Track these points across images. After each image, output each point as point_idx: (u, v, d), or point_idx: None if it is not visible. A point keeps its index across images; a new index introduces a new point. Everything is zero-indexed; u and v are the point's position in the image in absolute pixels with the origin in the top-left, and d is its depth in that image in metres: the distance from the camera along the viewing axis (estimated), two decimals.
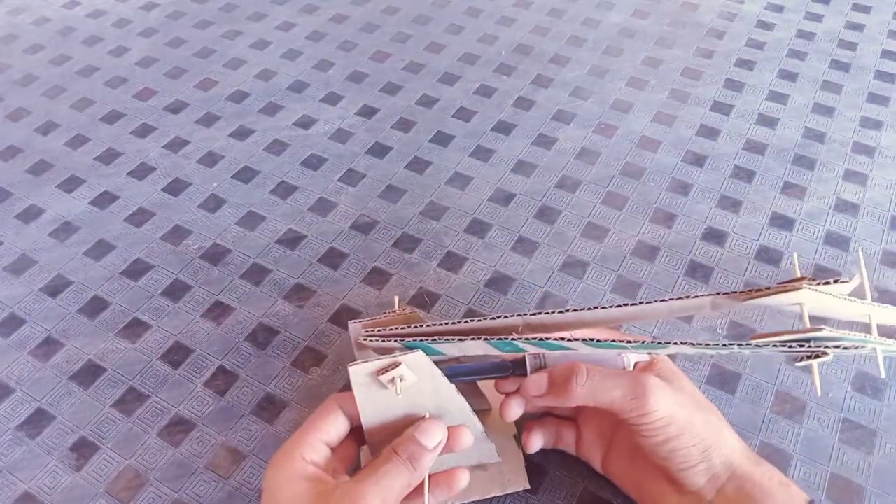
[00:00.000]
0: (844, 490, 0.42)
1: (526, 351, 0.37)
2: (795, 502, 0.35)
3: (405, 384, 0.35)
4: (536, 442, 0.41)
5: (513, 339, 0.35)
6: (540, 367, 0.39)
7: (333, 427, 0.36)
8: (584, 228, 0.55)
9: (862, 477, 0.42)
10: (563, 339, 0.35)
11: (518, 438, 0.43)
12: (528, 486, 0.41)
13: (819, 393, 0.31)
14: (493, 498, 0.41)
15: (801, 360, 0.32)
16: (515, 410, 0.39)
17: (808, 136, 0.63)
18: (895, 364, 0.47)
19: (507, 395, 0.39)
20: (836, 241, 0.54)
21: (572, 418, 0.42)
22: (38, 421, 0.45)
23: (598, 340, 0.35)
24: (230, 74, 0.70)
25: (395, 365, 0.34)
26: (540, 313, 0.37)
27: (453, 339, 0.36)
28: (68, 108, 0.67)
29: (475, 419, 0.38)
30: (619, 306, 0.36)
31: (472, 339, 0.35)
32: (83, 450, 0.44)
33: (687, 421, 0.35)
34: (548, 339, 0.35)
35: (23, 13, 0.78)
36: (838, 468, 0.42)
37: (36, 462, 0.43)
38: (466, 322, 0.37)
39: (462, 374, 0.39)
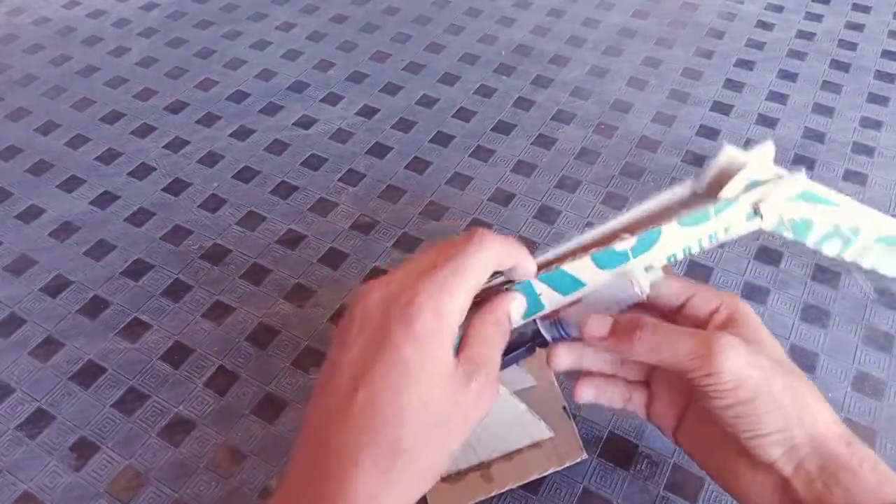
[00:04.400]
0: None
1: (537, 295, 0.34)
2: (888, 492, 0.30)
3: None
4: (586, 391, 0.38)
5: (530, 281, 0.33)
6: (560, 333, 0.37)
7: (483, 281, 0.31)
8: (585, 229, 0.55)
9: None
10: (572, 254, 0.33)
11: (567, 409, 0.43)
12: (584, 457, 0.41)
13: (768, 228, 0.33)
14: (497, 496, 0.41)
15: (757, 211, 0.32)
16: (563, 358, 0.37)
17: (808, 136, 0.63)
18: (894, 364, 0.47)
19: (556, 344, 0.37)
20: None
21: (644, 381, 0.39)
22: (38, 421, 0.45)
23: (597, 252, 0.33)
24: (230, 74, 0.70)
25: None
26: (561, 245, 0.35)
27: (561, 264, 0.33)
28: (68, 108, 0.67)
29: (514, 400, 0.38)
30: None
31: (578, 257, 0.33)
32: (83, 450, 0.44)
33: (762, 384, 0.32)
34: (559, 266, 0.33)
35: (23, 13, 0.78)
36: None
37: (36, 462, 0.43)
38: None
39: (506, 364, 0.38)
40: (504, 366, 0.37)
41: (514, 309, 0.33)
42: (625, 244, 0.33)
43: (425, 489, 0.29)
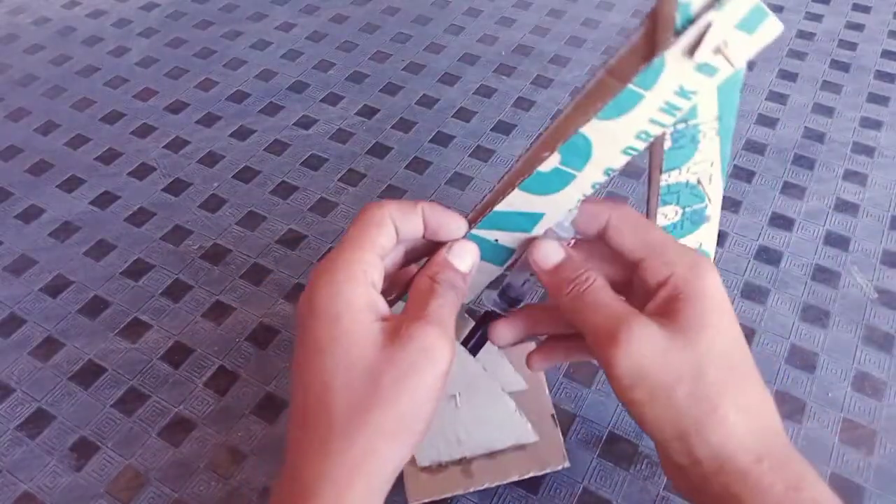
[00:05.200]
0: (844, 490, 0.42)
1: (493, 242, 0.32)
2: None
3: None
4: (539, 361, 0.36)
5: (471, 232, 0.31)
6: (507, 305, 0.35)
7: (387, 241, 0.30)
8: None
9: (862, 477, 0.42)
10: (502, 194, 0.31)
11: (555, 417, 0.43)
12: (567, 465, 0.41)
13: (740, 68, 0.27)
14: (495, 495, 0.41)
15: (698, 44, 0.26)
16: (503, 332, 0.34)
17: (808, 136, 0.63)
18: (894, 364, 0.47)
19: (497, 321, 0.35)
20: (836, 241, 0.54)
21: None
22: (38, 421, 0.45)
23: (523, 180, 0.30)
24: (230, 75, 0.70)
25: None
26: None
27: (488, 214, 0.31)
28: (68, 108, 0.67)
29: (506, 398, 0.38)
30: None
31: (506, 196, 0.31)
32: (83, 450, 0.44)
33: (661, 388, 0.27)
34: (493, 209, 0.31)
35: (23, 13, 0.78)
36: (838, 468, 0.42)
37: (36, 462, 0.43)
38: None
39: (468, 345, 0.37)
40: (473, 350, 0.36)
41: (454, 255, 0.31)
42: (549, 163, 0.29)
43: (402, 450, 0.27)
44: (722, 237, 0.55)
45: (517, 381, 0.43)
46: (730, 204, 0.57)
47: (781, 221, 0.56)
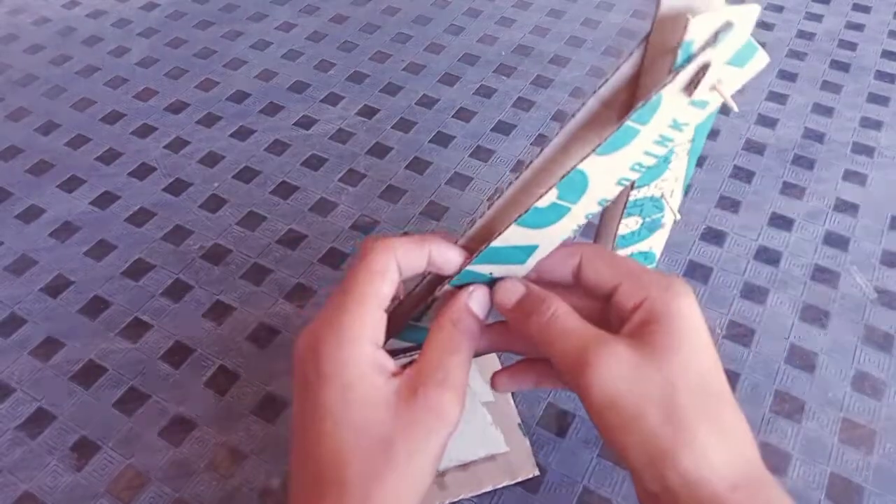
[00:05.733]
0: (844, 490, 0.42)
1: (487, 276, 0.32)
2: None
3: None
4: (504, 382, 0.35)
5: (468, 268, 0.31)
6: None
7: (390, 290, 0.29)
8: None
9: (862, 477, 0.42)
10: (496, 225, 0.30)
11: (522, 427, 0.43)
12: (537, 473, 0.42)
13: (736, 109, 0.27)
14: (495, 495, 0.41)
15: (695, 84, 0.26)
16: (484, 342, 0.33)
17: (808, 136, 0.63)
18: (894, 364, 0.47)
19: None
20: (836, 241, 0.54)
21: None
22: (38, 421, 0.45)
23: (521, 217, 0.30)
24: (231, 75, 0.70)
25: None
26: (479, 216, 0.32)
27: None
28: (68, 108, 0.67)
29: (483, 410, 0.38)
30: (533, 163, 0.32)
31: (437, 293, 0.32)
32: (84, 450, 0.44)
33: (633, 413, 0.26)
34: (489, 244, 0.30)
35: (23, 13, 0.78)
36: (838, 468, 0.42)
37: (36, 462, 0.43)
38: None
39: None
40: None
41: (475, 302, 0.31)
42: (547, 199, 0.29)
43: None
44: (721, 237, 0.55)
45: (486, 393, 0.44)
46: (730, 204, 0.57)
47: (781, 221, 0.56)
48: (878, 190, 0.58)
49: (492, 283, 0.32)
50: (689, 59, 0.26)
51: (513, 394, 0.45)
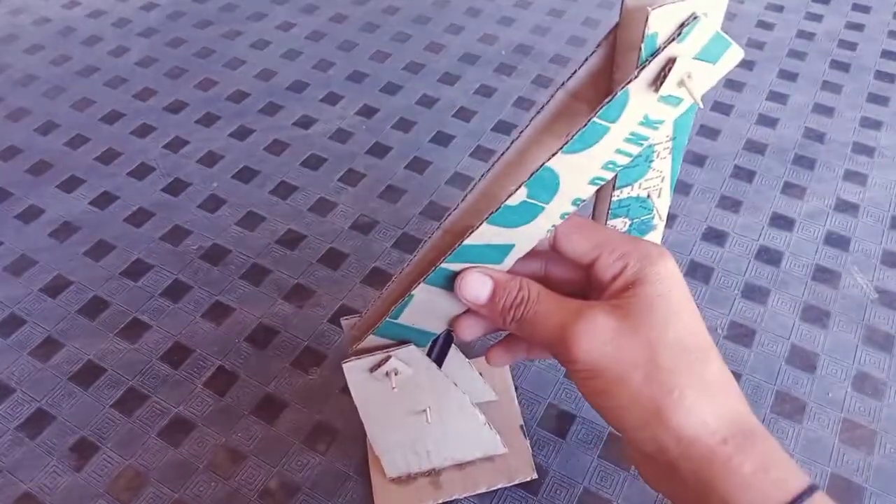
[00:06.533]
0: (844, 490, 0.41)
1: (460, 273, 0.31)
2: (775, 495, 0.26)
3: (401, 378, 0.34)
4: (499, 356, 0.35)
5: (441, 266, 0.30)
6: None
7: None
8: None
9: (862, 477, 0.42)
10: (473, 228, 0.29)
11: (524, 429, 0.43)
12: (534, 476, 0.41)
13: (701, 105, 0.26)
14: (495, 496, 0.41)
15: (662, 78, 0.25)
16: (470, 328, 0.33)
17: (808, 136, 0.63)
18: (894, 364, 0.47)
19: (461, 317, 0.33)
20: (836, 241, 0.54)
21: None
22: (38, 421, 0.45)
23: (493, 214, 0.29)
24: (230, 74, 0.70)
25: (387, 359, 0.34)
26: (454, 209, 0.32)
27: (400, 305, 0.31)
28: (68, 108, 0.67)
29: (475, 411, 0.38)
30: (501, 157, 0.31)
31: (413, 290, 0.31)
32: (83, 450, 0.44)
33: (616, 375, 0.27)
34: (462, 242, 0.29)
35: (23, 13, 0.78)
36: (838, 468, 0.42)
37: (36, 462, 0.43)
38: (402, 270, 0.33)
39: (438, 360, 0.37)
40: (438, 360, 0.36)
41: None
42: (517, 197, 0.28)
43: None
44: (722, 237, 0.55)
45: (487, 393, 0.43)
46: (730, 204, 0.57)
47: (782, 221, 0.56)
48: (878, 190, 0.58)
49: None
50: (654, 54, 0.25)
51: (516, 394, 0.45)
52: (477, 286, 0.30)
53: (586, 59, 0.30)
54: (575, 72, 0.30)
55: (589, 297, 0.30)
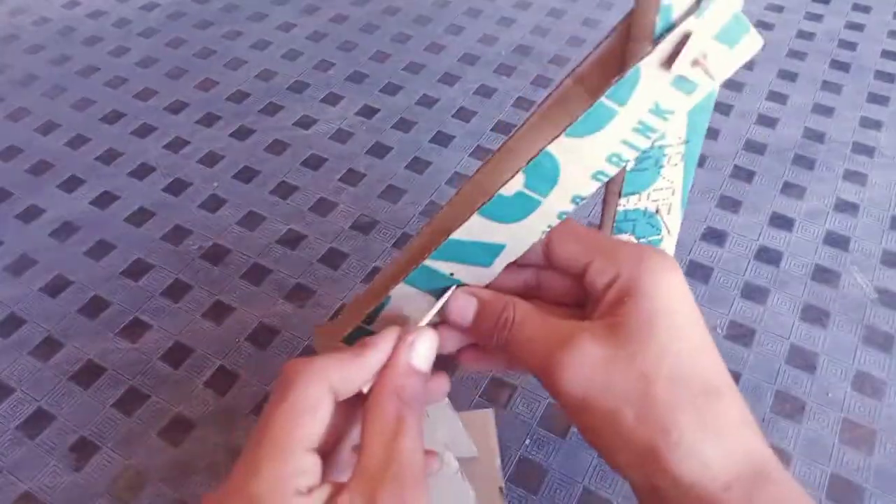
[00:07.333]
0: (844, 490, 0.42)
1: (447, 276, 0.28)
2: None
3: None
4: (472, 359, 0.31)
5: (424, 263, 0.28)
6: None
7: (321, 427, 0.24)
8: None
9: (862, 477, 0.42)
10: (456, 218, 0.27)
11: (502, 490, 0.40)
12: None
13: (716, 81, 0.25)
14: None
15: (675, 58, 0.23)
16: (449, 340, 0.29)
17: (808, 136, 0.63)
18: (894, 364, 0.47)
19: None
20: (836, 241, 0.54)
21: None
22: (38, 421, 0.45)
23: (485, 205, 0.26)
24: (230, 75, 0.70)
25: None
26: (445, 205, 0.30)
27: (382, 301, 0.29)
28: (68, 108, 0.67)
29: (448, 455, 0.34)
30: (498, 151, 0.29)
31: (394, 288, 0.28)
32: (83, 450, 0.44)
33: (607, 413, 0.24)
34: (450, 236, 0.27)
35: (23, 13, 0.78)
36: (838, 468, 0.42)
37: (36, 462, 0.43)
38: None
39: None
40: None
41: (418, 356, 0.26)
42: (512, 185, 0.25)
43: None
44: (722, 237, 0.55)
45: (468, 448, 0.40)
46: (730, 204, 0.57)
47: (781, 221, 0.56)
48: (878, 190, 0.58)
49: (445, 289, 0.28)
50: (669, 29, 0.23)
51: (510, 400, 0.45)
52: (463, 307, 0.28)
53: (598, 46, 0.28)
54: (586, 58, 0.28)
55: (585, 309, 0.28)
